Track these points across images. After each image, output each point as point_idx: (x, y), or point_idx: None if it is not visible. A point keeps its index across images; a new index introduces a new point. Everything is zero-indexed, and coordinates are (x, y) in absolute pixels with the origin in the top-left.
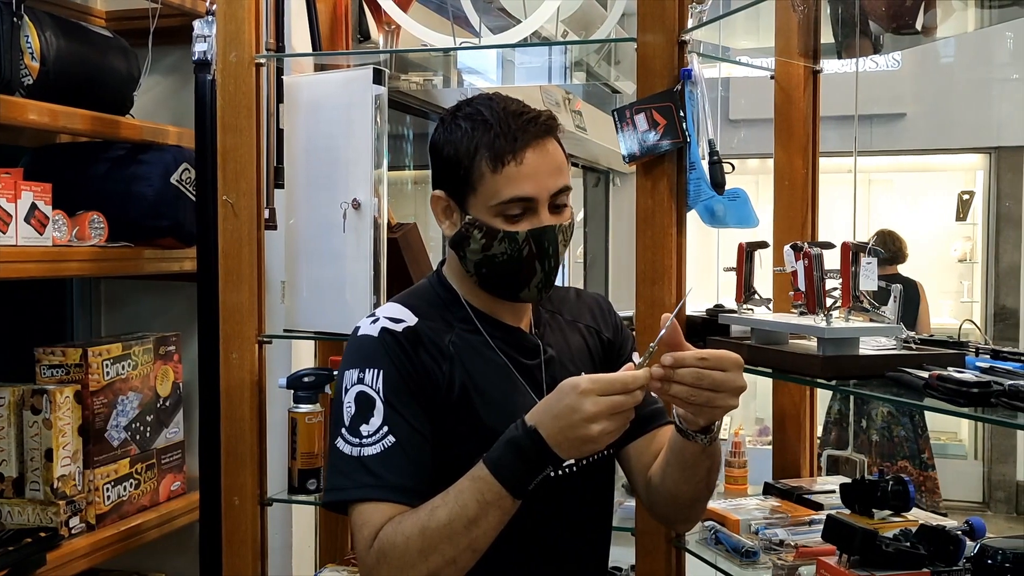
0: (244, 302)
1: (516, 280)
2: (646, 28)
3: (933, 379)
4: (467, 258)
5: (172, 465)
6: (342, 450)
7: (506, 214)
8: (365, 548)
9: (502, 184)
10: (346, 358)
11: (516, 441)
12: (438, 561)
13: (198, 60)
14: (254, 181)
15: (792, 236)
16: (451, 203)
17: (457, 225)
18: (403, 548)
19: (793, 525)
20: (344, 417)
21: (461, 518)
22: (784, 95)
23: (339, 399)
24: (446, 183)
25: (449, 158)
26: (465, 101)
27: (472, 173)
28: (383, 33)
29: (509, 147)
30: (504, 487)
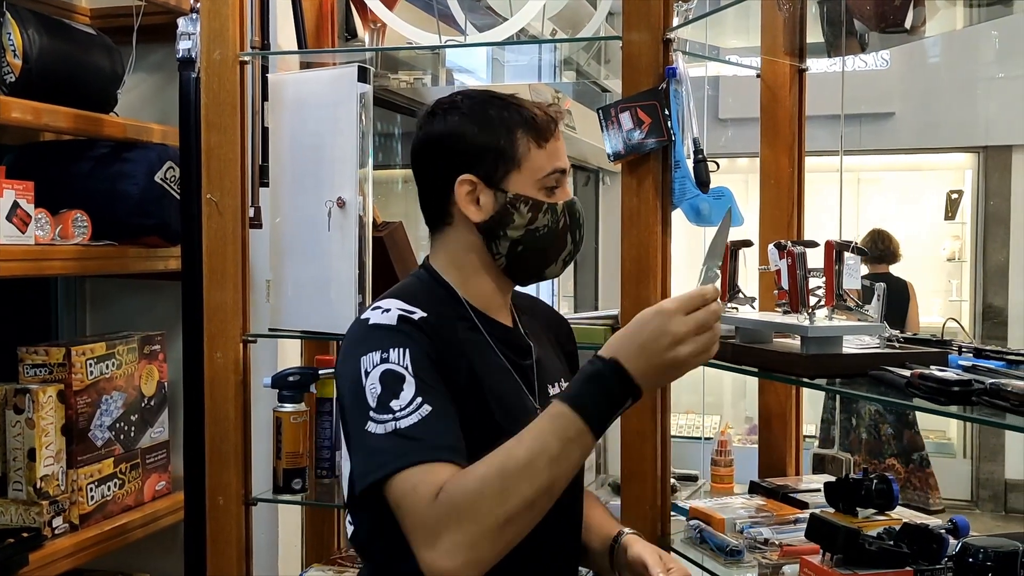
0: (228, 301)
1: (548, 255)
2: (631, 26)
3: (915, 378)
4: (505, 237)
5: (157, 465)
6: (373, 431)
7: (548, 187)
8: (427, 504)
9: (546, 158)
10: (357, 346)
11: (597, 376)
12: (517, 503)
13: (182, 58)
14: (238, 179)
15: (778, 235)
16: (480, 185)
17: (489, 207)
18: (477, 492)
19: (778, 524)
20: (369, 399)
21: (542, 455)
22: (770, 94)
23: (357, 386)
24: (475, 166)
25: (485, 140)
26: (455, 95)
27: (516, 150)
28: (369, 31)
29: (546, 124)
30: (586, 423)
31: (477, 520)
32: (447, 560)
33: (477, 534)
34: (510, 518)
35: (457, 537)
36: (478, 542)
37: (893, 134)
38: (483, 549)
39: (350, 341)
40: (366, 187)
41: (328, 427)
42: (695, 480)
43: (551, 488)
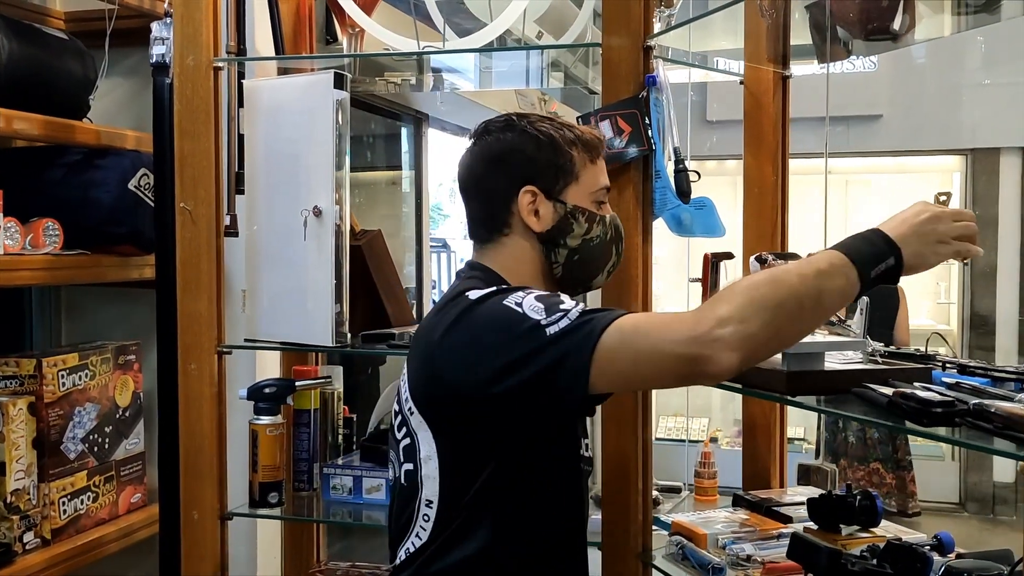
0: (203, 311)
1: (598, 265)
2: (611, 32)
3: (897, 397)
4: (565, 246)
5: (132, 477)
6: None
7: (599, 200)
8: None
9: (598, 173)
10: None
11: (858, 234)
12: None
13: (156, 63)
14: (213, 188)
15: (762, 244)
16: (540, 197)
17: (548, 217)
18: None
19: (761, 539)
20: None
21: (810, 268)
22: (753, 100)
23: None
24: (538, 178)
25: (547, 155)
26: (506, 116)
27: (575, 163)
28: (347, 36)
29: (596, 143)
30: (848, 258)
31: (747, 296)
32: (717, 329)
33: (747, 307)
34: (780, 303)
35: (723, 310)
36: (748, 317)
37: (881, 137)
38: (752, 324)
39: (462, 310)
40: (343, 195)
41: (306, 439)
42: (678, 492)
43: (819, 298)
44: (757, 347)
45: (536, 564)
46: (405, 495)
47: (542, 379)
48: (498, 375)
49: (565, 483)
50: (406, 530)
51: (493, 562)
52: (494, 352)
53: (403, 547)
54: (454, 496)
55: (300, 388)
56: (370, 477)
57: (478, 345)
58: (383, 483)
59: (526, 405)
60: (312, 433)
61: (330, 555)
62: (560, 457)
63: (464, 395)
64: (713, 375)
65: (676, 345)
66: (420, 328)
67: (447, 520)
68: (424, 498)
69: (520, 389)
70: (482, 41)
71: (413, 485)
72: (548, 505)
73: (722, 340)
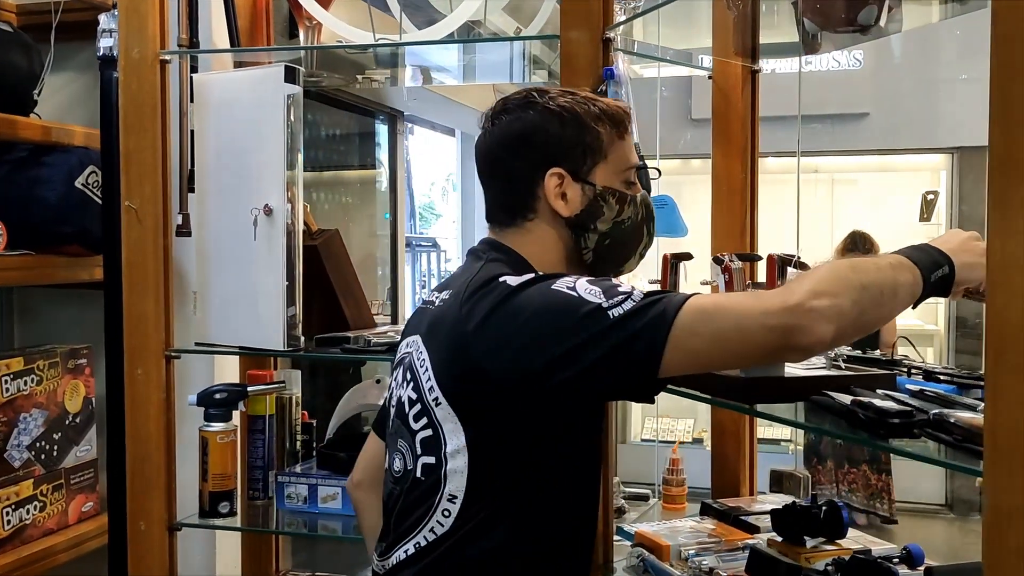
0: (150, 314)
1: (630, 247)
2: (569, 25)
3: (855, 406)
4: (595, 230)
5: (83, 485)
6: (622, 311)
7: (629, 180)
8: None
9: (628, 151)
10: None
11: (915, 246)
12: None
13: (103, 56)
14: (159, 185)
15: (731, 243)
16: (567, 179)
17: (577, 201)
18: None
19: (726, 551)
20: (593, 299)
21: (884, 261)
22: (722, 96)
23: (565, 305)
24: (563, 159)
25: (571, 133)
26: (524, 91)
27: (603, 141)
28: (304, 29)
29: (622, 116)
30: (910, 260)
31: (834, 275)
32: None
33: (837, 284)
34: (865, 285)
35: (814, 285)
36: (840, 292)
37: (867, 135)
38: (844, 300)
39: (501, 297)
40: (295, 193)
41: (261, 446)
42: (647, 500)
43: (895, 289)
44: (848, 324)
45: (553, 556)
46: (422, 489)
47: (607, 365)
48: (556, 365)
49: (589, 474)
50: (417, 526)
51: (511, 557)
52: (550, 340)
53: (411, 542)
54: (481, 491)
55: (253, 393)
56: (326, 486)
57: (529, 334)
58: (339, 492)
59: (585, 395)
60: (267, 440)
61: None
62: (588, 448)
63: (512, 388)
64: (806, 347)
65: (768, 316)
66: (439, 315)
67: (469, 516)
68: (447, 493)
69: (580, 378)
70: (441, 33)
71: (434, 480)
72: (572, 497)
73: (817, 311)
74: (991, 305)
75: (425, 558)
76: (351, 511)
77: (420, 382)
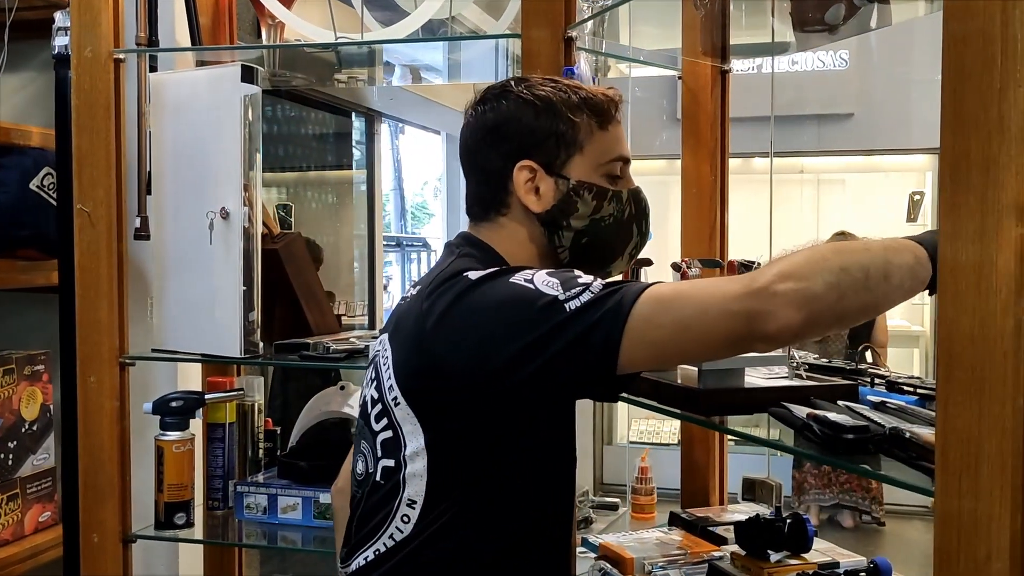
0: (103, 320)
1: (614, 247)
2: (531, 23)
3: (810, 419)
4: (569, 227)
5: (41, 494)
6: (579, 303)
7: (611, 174)
8: (744, 276)
9: (611, 142)
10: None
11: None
12: (850, 260)
13: (58, 55)
14: (113, 188)
15: (700, 246)
16: (539, 172)
17: (550, 196)
18: (809, 255)
19: (692, 563)
20: (549, 291)
21: (876, 242)
22: (691, 96)
23: (523, 299)
24: (536, 151)
25: (545, 123)
26: (506, 80)
27: (579, 132)
28: (266, 28)
29: (607, 105)
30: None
31: (807, 257)
32: (778, 283)
33: (807, 266)
34: (845, 267)
35: (782, 267)
36: (810, 275)
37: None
38: (816, 283)
39: (459, 292)
40: (253, 196)
41: (220, 455)
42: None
43: (886, 270)
44: (821, 310)
45: (518, 562)
46: (382, 493)
47: (565, 358)
48: (514, 361)
49: (558, 475)
50: (377, 531)
51: (474, 563)
52: (507, 336)
53: (371, 548)
54: (441, 495)
55: (211, 401)
56: (286, 496)
57: (486, 330)
58: (300, 502)
59: (546, 391)
60: (228, 448)
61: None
62: (556, 448)
63: (471, 385)
64: (771, 335)
65: (730, 302)
66: (405, 311)
67: (429, 521)
68: (407, 498)
69: (539, 373)
70: (405, 31)
71: (394, 484)
72: (537, 499)
73: (783, 295)
74: (942, 315)
75: (384, 564)
76: (311, 521)
77: (382, 381)
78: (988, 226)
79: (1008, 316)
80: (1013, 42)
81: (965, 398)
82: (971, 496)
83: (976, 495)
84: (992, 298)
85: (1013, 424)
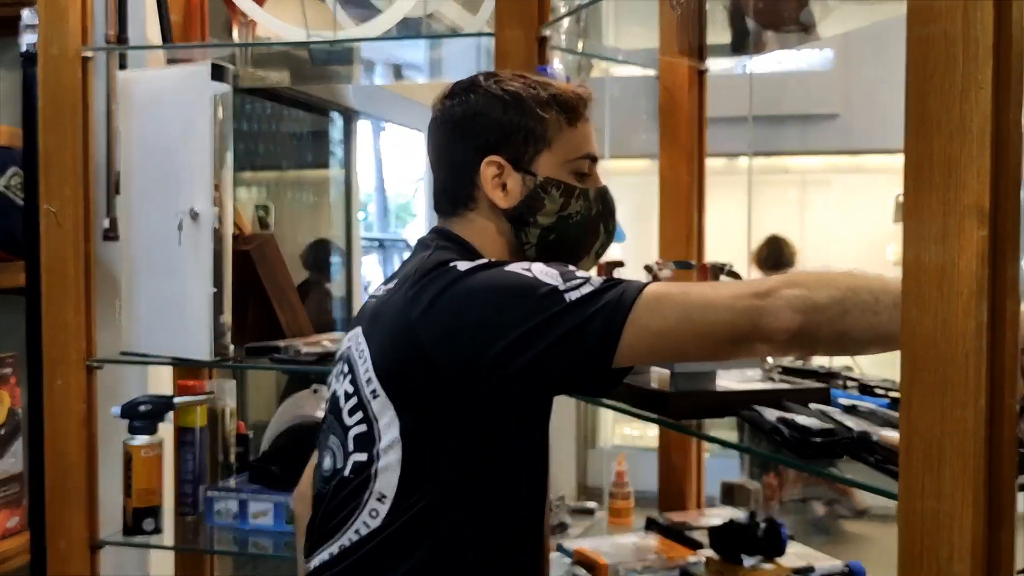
0: (70, 322)
1: (581, 244)
2: (504, 23)
3: (779, 423)
4: (536, 224)
5: (8, 500)
6: (579, 294)
7: (579, 172)
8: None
9: (580, 139)
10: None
11: None
12: (861, 299)
13: (26, 53)
14: (80, 188)
15: (677, 247)
16: (507, 168)
17: (517, 192)
18: (818, 272)
19: (668, 568)
20: (549, 280)
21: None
22: (668, 96)
23: (519, 288)
24: (504, 146)
25: (513, 118)
26: (486, 74)
27: (548, 128)
28: (238, 26)
29: (576, 102)
30: None
31: (816, 273)
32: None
33: (815, 279)
34: (854, 288)
35: (790, 277)
36: (816, 286)
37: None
38: (820, 295)
39: (449, 282)
40: (224, 196)
41: (191, 459)
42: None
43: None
44: (822, 322)
45: (488, 559)
46: (351, 488)
47: (562, 348)
48: (510, 351)
49: (531, 473)
50: (342, 526)
51: (441, 560)
52: (503, 325)
53: (335, 543)
54: (413, 490)
55: (180, 405)
56: (256, 501)
57: (480, 318)
58: (271, 508)
59: (539, 381)
60: (198, 453)
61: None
62: (531, 446)
63: (459, 376)
64: (770, 335)
65: (735, 300)
66: (383, 304)
67: (398, 516)
68: (377, 492)
69: (535, 363)
70: (379, 29)
71: (364, 478)
72: (511, 497)
73: (786, 298)
74: (905, 316)
75: (347, 559)
76: (283, 527)
77: (358, 374)
78: (950, 227)
79: (970, 317)
80: (975, 44)
81: (927, 399)
82: (933, 497)
83: (938, 496)
84: (954, 299)
85: (975, 425)
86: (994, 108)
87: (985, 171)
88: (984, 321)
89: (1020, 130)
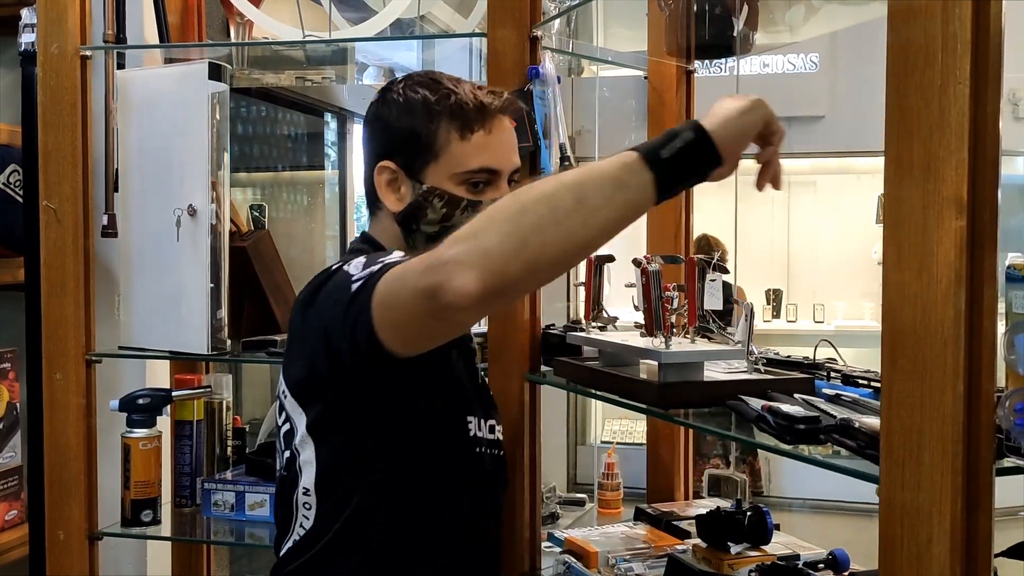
0: (69, 317)
1: None
2: (496, 23)
3: (764, 411)
4: (420, 231)
5: (7, 493)
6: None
7: (471, 183)
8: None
9: (471, 152)
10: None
11: (675, 130)
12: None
13: (25, 51)
14: (79, 184)
15: (665, 245)
16: (400, 175)
17: (407, 197)
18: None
19: (655, 557)
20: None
21: (594, 173)
22: (656, 96)
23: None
24: (397, 153)
25: (404, 125)
26: (407, 75)
27: (436, 140)
28: (235, 26)
29: (478, 116)
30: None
31: (484, 213)
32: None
33: (479, 222)
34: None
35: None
36: (480, 231)
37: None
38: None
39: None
40: (221, 193)
41: (188, 452)
42: (582, 504)
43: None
44: (501, 264)
45: (427, 549)
46: (287, 484)
47: (348, 338)
48: (332, 344)
49: (452, 467)
50: (290, 522)
51: (382, 549)
52: (329, 321)
53: (290, 539)
54: (330, 483)
55: (178, 398)
56: (253, 492)
57: (325, 316)
58: (267, 499)
59: (354, 372)
60: (195, 446)
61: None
62: (439, 439)
63: (325, 370)
64: (452, 303)
65: (417, 278)
66: None
67: (327, 509)
68: (303, 487)
69: (342, 354)
70: (373, 30)
71: (293, 474)
72: (432, 485)
73: (454, 260)
74: (885, 305)
75: (304, 554)
76: None
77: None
78: (929, 218)
79: (948, 306)
80: (953, 40)
81: (908, 387)
82: (913, 481)
83: (918, 481)
84: (933, 288)
85: (953, 412)
86: (972, 103)
87: (963, 164)
88: (962, 309)
89: (997, 124)
